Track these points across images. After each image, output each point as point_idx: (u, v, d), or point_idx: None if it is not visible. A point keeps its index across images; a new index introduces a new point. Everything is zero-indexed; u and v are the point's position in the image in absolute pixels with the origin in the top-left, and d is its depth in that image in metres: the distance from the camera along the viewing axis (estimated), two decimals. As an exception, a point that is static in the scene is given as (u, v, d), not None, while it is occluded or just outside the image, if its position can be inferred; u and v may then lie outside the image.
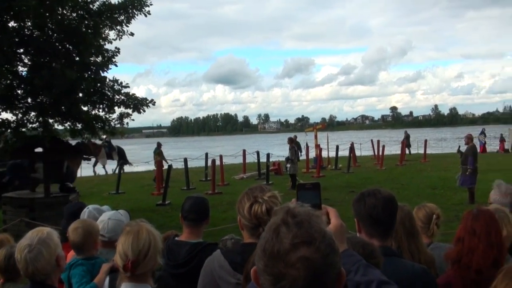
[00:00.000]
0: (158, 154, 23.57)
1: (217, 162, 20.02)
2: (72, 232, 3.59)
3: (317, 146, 25.88)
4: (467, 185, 14.43)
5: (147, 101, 13.15)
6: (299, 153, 25.09)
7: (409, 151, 33.69)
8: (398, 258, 2.59)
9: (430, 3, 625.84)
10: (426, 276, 2.54)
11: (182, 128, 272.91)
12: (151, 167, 25.00)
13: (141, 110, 13.02)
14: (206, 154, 23.43)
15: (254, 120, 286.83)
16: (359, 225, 2.60)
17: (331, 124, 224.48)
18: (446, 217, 3.35)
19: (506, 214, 3.20)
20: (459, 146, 18.80)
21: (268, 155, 21.80)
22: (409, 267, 2.55)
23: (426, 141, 31.81)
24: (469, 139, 16.11)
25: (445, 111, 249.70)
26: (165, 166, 19.01)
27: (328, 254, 1.23)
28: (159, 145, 23.98)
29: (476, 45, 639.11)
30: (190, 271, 3.37)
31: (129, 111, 13.03)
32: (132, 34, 12.97)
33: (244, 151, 25.94)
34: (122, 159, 25.27)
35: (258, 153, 23.83)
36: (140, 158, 33.28)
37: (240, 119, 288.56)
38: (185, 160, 20.74)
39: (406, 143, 32.17)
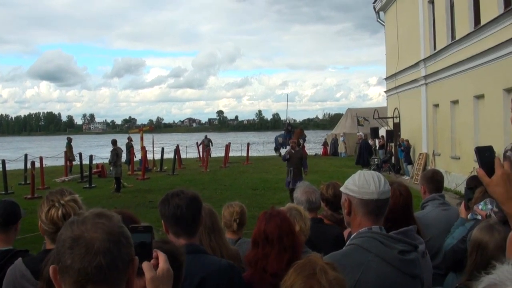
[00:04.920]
0: (68, 148, 25.45)
1: (37, 164, 18.90)
2: None
3: (143, 148, 25.69)
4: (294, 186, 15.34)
5: None
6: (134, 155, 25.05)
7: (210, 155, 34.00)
8: (205, 255, 2.67)
9: (260, 14, 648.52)
10: (232, 271, 2.66)
11: (1, 127, 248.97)
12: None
13: None
14: (26, 156, 21.95)
15: (79, 120, 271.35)
16: (166, 226, 2.63)
17: (158, 126, 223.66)
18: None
19: (299, 211, 3.49)
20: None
21: (91, 157, 21.17)
22: (216, 262, 2.65)
23: (248, 144, 33.25)
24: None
25: (268, 116, 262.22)
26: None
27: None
28: (69, 139, 26.29)
29: (300, 56, 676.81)
30: (-3, 281, 3.20)
31: None
32: None
33: (65, 152, 24.88)
34: None
35: (80, 154, 22.93)
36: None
37: (64, 118, 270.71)
38: (3, 162, 19.17)
39: (205, 146, 32.58)
